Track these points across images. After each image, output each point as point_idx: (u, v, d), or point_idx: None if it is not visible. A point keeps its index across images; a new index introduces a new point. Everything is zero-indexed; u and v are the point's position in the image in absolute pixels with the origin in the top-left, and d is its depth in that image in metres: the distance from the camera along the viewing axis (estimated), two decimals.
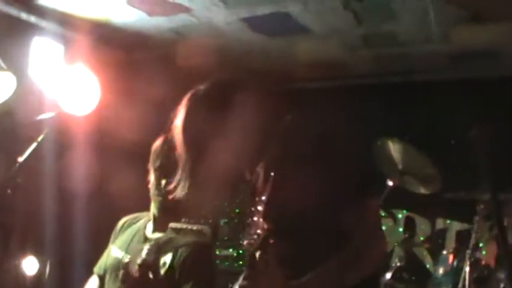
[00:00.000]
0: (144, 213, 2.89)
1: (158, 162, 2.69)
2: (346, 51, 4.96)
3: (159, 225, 2.72)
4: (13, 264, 4.42)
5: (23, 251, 4.55)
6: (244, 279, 2.02)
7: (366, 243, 2.02)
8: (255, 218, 1.98)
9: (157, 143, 2.75)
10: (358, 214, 2.03)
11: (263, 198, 2.00)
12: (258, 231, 1.96)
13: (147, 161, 2.79)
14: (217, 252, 5.35)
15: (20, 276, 4.50)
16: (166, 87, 4.72)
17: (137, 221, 2.90)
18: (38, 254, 4.63)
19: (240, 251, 5.38)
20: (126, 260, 2.69)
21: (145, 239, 2.72)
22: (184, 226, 2.32)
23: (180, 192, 2.07)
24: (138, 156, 4.57)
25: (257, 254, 1.98)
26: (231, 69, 4.97)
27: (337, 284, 1.98)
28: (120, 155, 4.63)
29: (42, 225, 4.51)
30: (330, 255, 1.99)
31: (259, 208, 2.00)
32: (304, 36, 4.65)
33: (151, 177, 2.73)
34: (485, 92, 4.84)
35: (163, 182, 2.62)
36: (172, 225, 2.36)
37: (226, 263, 5.38)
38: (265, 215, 2.00)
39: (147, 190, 2.80)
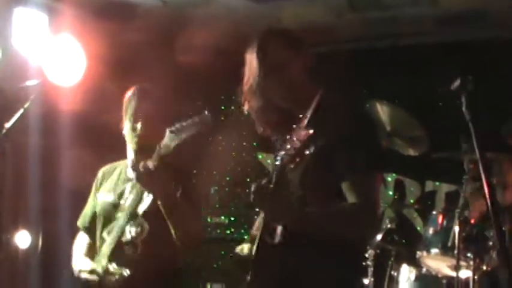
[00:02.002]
0: (121, 162, 3.07)
1: (131, 109, 2.88)
2: (332, 16, 4.95)
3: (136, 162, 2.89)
4: (5, 238, 4.44)
5: (14, 225, 4.56)
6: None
7: (359, 205, 2.15)
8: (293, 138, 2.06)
9: (129, 93, 2.96)
10: (358, 182, 2.17)
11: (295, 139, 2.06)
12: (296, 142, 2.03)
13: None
14: (209, 220, 5.38)
15: (12, 250, 4.51)
16: (153, 60, 4.71)
17: (115, 168, 3.07)
18: (30, 227, 4.64)
19: (232, 218, 5.41)
20: (120, 201, 2.88)
21: (128, 180, 2.93)
22: (182, 123, 2.65)
23: None
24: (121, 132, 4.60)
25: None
26: (218, 36, 4.94)
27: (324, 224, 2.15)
28: (106, 126, 4.62)
29: (31, 197, 4.51)
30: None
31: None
32: (290, 1, 4.63)
33: (126, 123, 2.91)
34: (472, 54, 4.85)
35: (137, 125, 2.82)
36: (169, 128, 2.69)
37: (218, 231, 5.41)
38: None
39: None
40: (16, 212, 4.54)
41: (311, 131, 1.99)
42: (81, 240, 3.05)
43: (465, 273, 3.82)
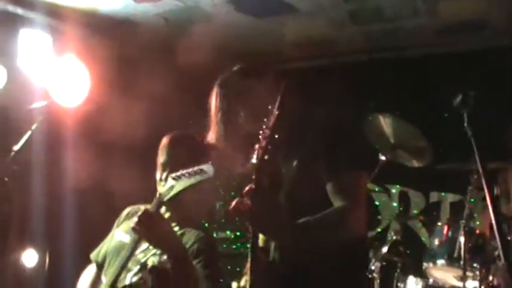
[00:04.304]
0: (148, 205, 2.90)
1: (162, 159, 2.75)
2: (334, 29, 4.98)
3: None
4: (12, 257, 4.45)
5: (21, 244, 4.57)
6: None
7: (344, 207, 2.12)
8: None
9: (164, 140, 2.81)
10: (341, 183, 2.15)
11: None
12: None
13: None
14: (215, 235, 5.38)
15: (19, 269, 4.52)
16: (156, 77, 4.75)
17: (141, 210, 2.91)
18: (37, 246, 4.65)
19: (237, 233, 5.42)
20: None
21: None
22: (184, 171, 2.41)
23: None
24: (129, 147, 4.62)
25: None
26: (221, 53, 4.97)
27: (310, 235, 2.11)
28: (111, 146, 4.64)
29: (39, 216, 4.53)
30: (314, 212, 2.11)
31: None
32: (291, 16, 4.67)
33: (157, 173, 2.77)
34: (472, 64, 4.87)
35: (164, 174, 2.65)
36: (172, 175, 2.46)
37: (224, 246, 5.42)
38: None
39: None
40: (23, 232, 4.55)
41: (276, 112, 2.02)
42: (88, 275, 2.94)
43: (472, 284, 3.82)
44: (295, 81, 2.28)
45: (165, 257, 2.52)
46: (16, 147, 2.82)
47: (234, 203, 2.06)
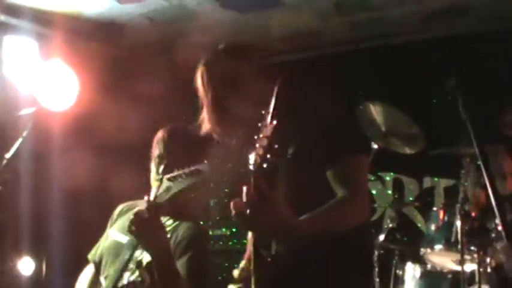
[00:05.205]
0: (141, 201, 2.82)
1: (158, 152, 2.73)
2: (320, 20, 4.97)
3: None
4: (8, 265, 4.42)
5: (17, 252, 4.54)
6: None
7: (348, 197, 2.07)
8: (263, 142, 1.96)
9: (160, 133, 2.80)
10: (342, 168, 2.10)
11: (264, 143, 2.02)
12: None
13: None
14: (210, 233, 5.38)
15: (16, 277, 4.50)
16: (145, 78, 4.73)
17: (134, 207, 2.81)
18: (33, 253, 4.63)
19: (233, 230, 5.42)
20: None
21: None
22: (180, 172, 2.36)
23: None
24: (121, 149, 4.59)
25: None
26: (208, 50, 4.95)
27: (317, 232, 2.01)
28: (103, 149, 4.62)
29: (34, 224, 4.50)
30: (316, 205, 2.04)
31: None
32: (277, 9, 4.67)
33: (152, 165, 2.75)
34: (457, 49, 4.89)
35: (161, 167, 2.59)
36: (167, 176, 2.41)
37: (221, 243, 5.42)
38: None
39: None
40: (19, 240, 4.53)
41: (274, 122, 1.93)
42: (87, 275, 2.91)
43: (470, 267, 3.84)
44: (286, 74, 2.26)
45: None
46: (8, 155, 2.80)
47: (233, 208, 1.92)
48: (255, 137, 1.98)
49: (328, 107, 2.23)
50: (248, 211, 1.87)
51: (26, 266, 4.59)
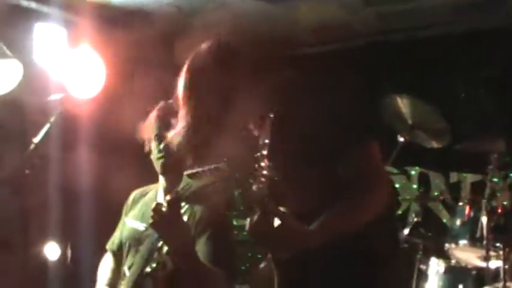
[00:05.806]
0: (153, 185, 2.88)
1: (156, 129, 2.67)
2: (347, 12, 4.94)
3: (168, 189, 2.67)
4: (34, 250, 4.48)
5: (43, 237, 4.60)
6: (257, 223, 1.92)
7: (366, 188, 1.99)
8: (262, 164, 1.93)
9: (154, 112, 2.74)
10: (358, 158, 2.02)
11: (266, 141, 1.98)
12: (264, 172, 1.90)
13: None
14: (235, 223, 5.37)
15: (42, 262, 4.56)
16: (170, 66, 4.73)
17: (147, 192, 2.88)
18: (59, 239, 4.68)
19: None
20: (149, 231, 2.63)
21: None
22: (200, 169, 2.20)
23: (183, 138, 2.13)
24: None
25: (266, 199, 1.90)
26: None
27: (341, 229, 1.96)
28: (130, 136, 4.64)
29: (59, 209, 4.55)
30: (331, 200, 1.97)
31: (264, 152, 1.95)
32: (304, 0, 4.64)
33: (152, 144, 2.70)
34: (489, 43, 4.82)
35: (162, 144, 2.60)
36: (187, 172, 2.27)
37: (244, 233, 5.42)
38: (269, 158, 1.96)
39: (155, 170, 2.78)
40: (44, 225, 4.58)
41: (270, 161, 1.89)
42: (106, 265, 2.91)
43: (495, 264, 3.81)
44: (308, 67, 2.19)
45: None
46: (36, 140, 2.83)
47: (249, 228, 1.94)
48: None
49: (340, 98, 2.09)
50: (263, 240, 1.93)
51: (52, 251, 4.65)
